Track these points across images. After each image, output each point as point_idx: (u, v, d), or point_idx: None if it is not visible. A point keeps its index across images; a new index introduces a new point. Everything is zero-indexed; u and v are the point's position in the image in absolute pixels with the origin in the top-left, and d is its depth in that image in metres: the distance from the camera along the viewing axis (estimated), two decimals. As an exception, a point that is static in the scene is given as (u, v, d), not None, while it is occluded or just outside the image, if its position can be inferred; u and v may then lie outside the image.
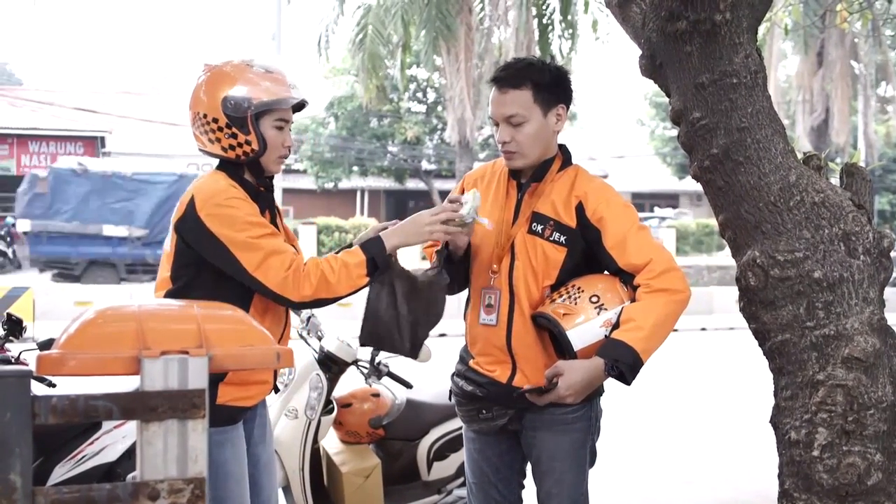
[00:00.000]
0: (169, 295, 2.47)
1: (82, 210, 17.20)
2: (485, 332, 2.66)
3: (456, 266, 2.68)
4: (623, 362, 2.39)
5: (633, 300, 2.50)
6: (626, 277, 2.54)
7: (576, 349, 2.46)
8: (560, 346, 2.51)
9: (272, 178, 2.61)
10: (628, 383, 2.45)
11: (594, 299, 2.49)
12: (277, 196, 2.92)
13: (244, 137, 2.46)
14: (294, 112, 2.60)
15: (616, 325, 2.46)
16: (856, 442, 2.35)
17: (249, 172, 2.54)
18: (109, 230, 17.30)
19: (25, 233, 17.60)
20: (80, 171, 17.32)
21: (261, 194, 2.55)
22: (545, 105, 2.57)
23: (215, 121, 2.45)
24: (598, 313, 2.48)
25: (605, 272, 2.62)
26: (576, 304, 2.49)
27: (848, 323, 2.38)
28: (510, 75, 2.57)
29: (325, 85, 28.94)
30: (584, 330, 2.46)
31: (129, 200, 17.36)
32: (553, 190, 2.61)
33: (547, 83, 2.58)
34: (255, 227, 2.41)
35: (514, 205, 2.65)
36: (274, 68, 2.54)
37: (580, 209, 2.57)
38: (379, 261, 2.47)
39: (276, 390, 3.78)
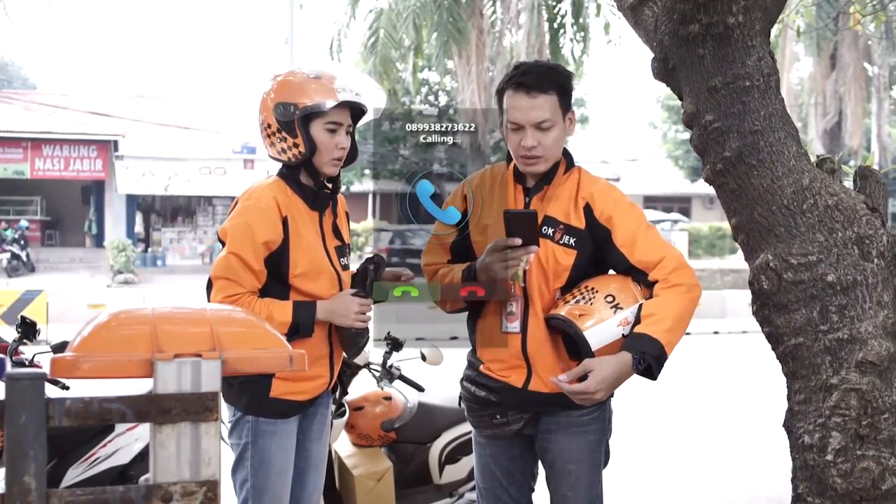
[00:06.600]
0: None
1: None
2: (503, 339, 2.64)
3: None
4: (650, 354, 2.38)
5: (647, 298, 2.49)
6: (638, 276, 2.54)
7: (593, 349, 2.44)
8: (574, 349, 2.50)
9: (336, 178, 2.72)
10: (654, 378, 2.44)
11: (609, 299, 2.49)
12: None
13: (292, 140, 2.56)
14: (359, 117, 2.69)
15: (637, 322, 2.45)
16: (870, 446, 2.33)
17: (307, 174, 2.64)
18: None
19: None
20: None
21: (319, 195, 2.67)
22: (565, 110, 2.58)
23: (269, 126, 2.59)
24: (615, 312, 2.47)
25: (612, 272, 2.62)
26: (591, 304, 2.48)
27: (862, 326, 2.37)
28: (538, 80, 2.54)
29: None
30: (600, 330, 2.45)
31: None
32: (562, 193, 2.61)
33: (570, 89, 2.60)
34: (246, 248, 2.51)
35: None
36: (324, 73, 2.61)
37: (588, 210, 2.57)
38: (302, 327, 2.56)
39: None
